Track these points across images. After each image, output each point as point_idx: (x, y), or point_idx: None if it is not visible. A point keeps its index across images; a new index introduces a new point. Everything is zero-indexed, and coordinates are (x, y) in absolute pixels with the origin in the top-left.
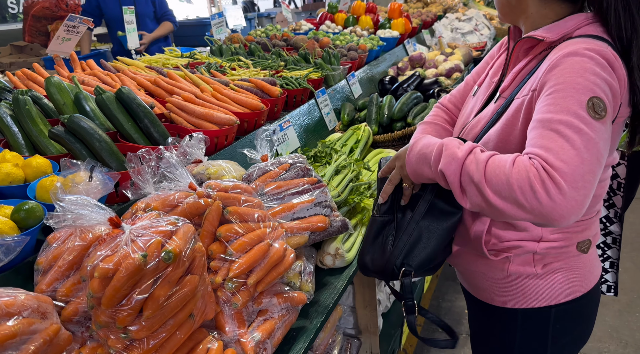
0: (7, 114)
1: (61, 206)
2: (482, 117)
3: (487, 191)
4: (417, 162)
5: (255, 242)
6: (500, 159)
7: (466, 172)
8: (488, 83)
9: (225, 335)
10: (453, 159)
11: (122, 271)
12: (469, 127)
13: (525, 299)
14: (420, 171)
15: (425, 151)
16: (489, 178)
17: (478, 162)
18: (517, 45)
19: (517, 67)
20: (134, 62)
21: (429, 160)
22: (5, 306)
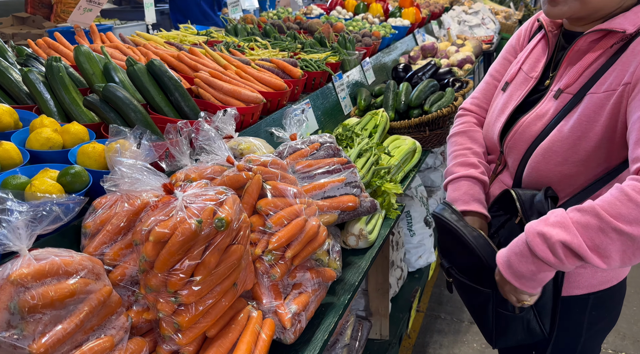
0: (39, 81)
1: (119, 169)
2: (541, 115)
3: (622, 226)
4: (520, 273)
5: (293, 217)
6: (606, 195)
7: (584, 227)
8: (524, 78)
9: (262, 305)
10: (561, 227)
11: (178, 236)
12: (523, 125)
13: (566, 287)
14: (523, 271)
15: (523, 252)
16: (615, 215)
17: (588, 210)
18: (581, 39)
19: (584, 61)
20: (153, 37)
21: (526, 255)
22: (65, 265)
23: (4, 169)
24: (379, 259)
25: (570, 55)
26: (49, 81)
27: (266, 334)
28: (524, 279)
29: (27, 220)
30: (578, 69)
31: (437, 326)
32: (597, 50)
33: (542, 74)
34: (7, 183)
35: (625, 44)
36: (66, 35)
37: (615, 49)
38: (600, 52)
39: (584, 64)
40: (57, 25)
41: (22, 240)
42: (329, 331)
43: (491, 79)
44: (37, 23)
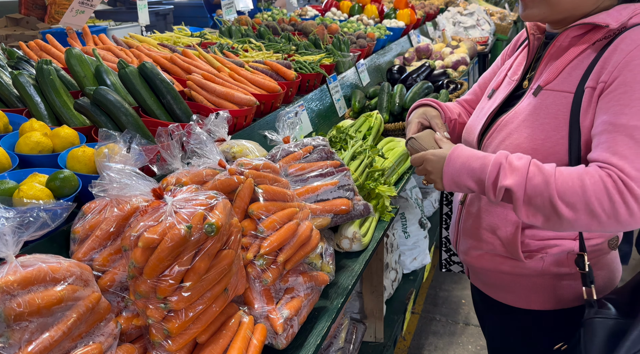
0: (29, 84)
1: (108, 174)
2: (519, 112)
3: (560, 204)
4: (460, 174)
5: (285, 221)
6: (568, 170)
7: (532, 187)
8: (507, 82)
9: (254, 310)
10: (515, 174)
11: (167, 241)
12: (501, 124)
13: (557, 300)
14: (463, 182)
15: (473, 164)
16: (561, 192)
17: (545, 175)
18: (562, 35)
19: (564, 57)
20: (146, 39)
21: (477, 174)
22: (52, 272)
23: None
24: (374, 262)
25: (552, 52)
26: (39, 84)
27: (257, 339)
28: (452, 183)
29: (14, 226)
30: (559, 65)
31: (432, 328)
32: (580, 45)
33: (522, 76)
34: None
35: (609, 42)
36: (60, 37)
37: (599, 46)
38: (584, 48)
39: (566, 60)
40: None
41: (9, 247)
42: (322, 336)
43: (478, 87)
44: (31, 24)
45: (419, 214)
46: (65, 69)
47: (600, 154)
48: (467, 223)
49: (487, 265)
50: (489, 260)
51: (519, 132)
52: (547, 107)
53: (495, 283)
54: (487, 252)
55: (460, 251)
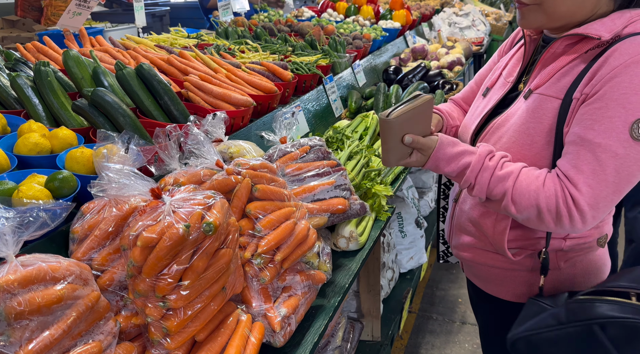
0: (27, 85)
1: (106, 175)
2: (510, 115)
3: (512, 208)
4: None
5: (282, 221)
6: (527, 176)
7: (492, 196)
8: (502, 83)
9: (252, 309)
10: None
11: (166, 240)
12: (494, 127)
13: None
14: (441, 169)
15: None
16: (515, 198)
17: (505, 179)
18: (556, 42)
19: (556, 64)
20: (143, 41)
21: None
22: (52, 271)
23: None
24: (370, 261)
25: (545, 58)
26: (37, 86)
27: (255, 337)
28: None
29: (14, 226)
30: (550, 71)
31: (429, 326)
32: (571, 54)
33: (517, 78)
34: None
35: (602, 52)
36: (57, 39)
37: (591, 55)
38: (574, 57)
39: (557, 67)
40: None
41: (9, 246)
42: (319, 334)
43: (474, 83)
44: (27, 26)
45: (416, 213)
46: (63, 71)
47: (563, 163)
48: (460, 220)
49: (479, 259)
50: (480, 255)
51: (508, 136)
52: (534, 111)
53: (486, 277)
54: (478, 248)
55: (454, 246)
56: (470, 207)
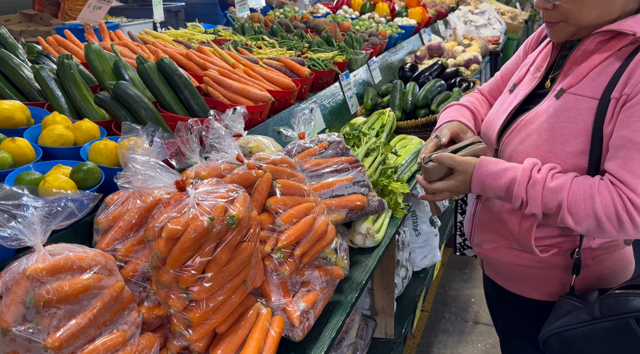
0: (51, 78)
1: (133, 166)
2: (540, 113)
3: (569, 219)
4: (486, 192)
5: (302, 216)
6: (580, 185)
7: (547, 209)
8: (530, 79)
9: (271, 303)
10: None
11: (190, 232)
12: (522, 123)
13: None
14: (489, 195)
15: (498, 193)
16: (572, 209)
17: (558, 190)
18: (588, 39)
19: (590, 62)
20: (161, 35)
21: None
22: (79, 260)
23: (17, 165)
24: (385, 258)
25: (576, 55)
26: (60, 78)
27: (275, 331)
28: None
29: (42, 215)
30: (583, 70)
31: (441, 325)
32: (605, 51)
33: (545, 74)
34: (21, 179)
35: (636, 49)
36: (74, 33)
37: (625, 52)
38: (608, 54)
39: (590, 65)
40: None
41: (37, 235)
42: (337, 329)
43: (499, 76)
44: (44, 20)
45: (430, 212)
46: (84, 64)
47: (615, 168)
48: (483, 217)
49: (503, 257)
50: (504, 253)
51: (538, 134)
52: (569, 110)
53: (510, 275)
54: (502, 245)
55: (475, 244)
56: (493, 204)
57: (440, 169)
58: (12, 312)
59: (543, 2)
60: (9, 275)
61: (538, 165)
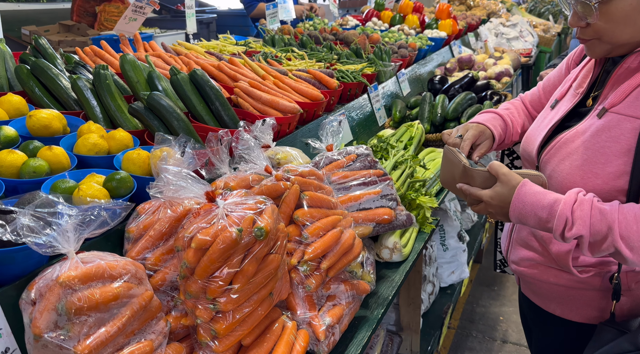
0: (87, 88)
1: (165, 176)
2: (580, 132)
3: (623, 248)
4: (527, 221)
5: (329, 228)
6: (632, 212)
7: (595, 232)
8: (572, 95)
9: (296, 316)
10: (580, 224)
11: (219, 243)
12: (561, 142)
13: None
14: (527, 218)
15: (539, 213)
16: (625, 236)
17: (608, 221)
18: (630, 57)
19: (632, 81)
20: (193, 47)
21: (544, 225)
22: (110, 269)
23: (53, 172)
24: (412, 273)
25: (618, 73)
26: (96, 88)
27: (300, 345)
28: (515, 219)
29: (76, 224)
30: (626, 89)
31: (468, 343)
32: None
33: (587, 90)
34: (56, 187)
35: None
36: (110, 43)
37: None
38: None
39: (633, 84)
40: (100, 33)
41: (71, 243)
42: (362, 346)
43: (542, 89)
44: (81, 31)
45: (458, 226)
46: (119, 74)
47: None
48: (521, 234)
49: (540, 276)
50: (541, 271)
51: (578, 154)
52: (611, 130)
53: (548, 295)
54: (540, 263)
55: (512, 261)
56: None
57: (483, 176)
58: (44, 318)
59: (576, 20)
60: (42, 282)
61: (583, 191)
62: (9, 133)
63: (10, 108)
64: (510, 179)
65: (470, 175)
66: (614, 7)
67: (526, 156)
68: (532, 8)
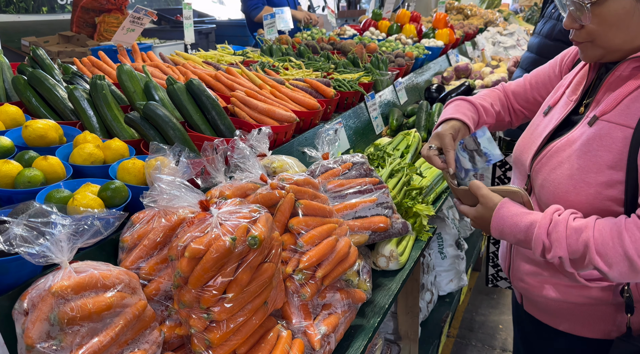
0: (83, 98)
1: (159, 186)
2: (571, 141)
3: (601, 264)
4: (505, 234)
5: (324, 237)
6: (607, 228)
7: (573, 252)
8: (565, 102)
9: (291, 325)
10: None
11: (213, 252)
12: (552, 150)
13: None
14: (508, 239)
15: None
16: (602, 253)
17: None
18: (623, 65)
19: (623, 89)
20: (191, 57)
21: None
22: (103, 278)
23: (49, 182)
24: (409, 282)
25: (610, 81)
26: (92, 98)
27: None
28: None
29: (69, 233)
30: (617, 97)
31: (467, 352)
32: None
33: (580, 98)
34: (51, 197)
35: None
36: (108, 53)
37: None
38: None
39: (625, 92)
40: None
41: (64, 253)
42: None
43: (529, 84)
44: (81, 41)
45: (456, 234)
46: (116, 84)
47: None
48: (522, 248)
49: (548, 293)
50: (550, 288)
51: (570, 163)
52: (602, 138)
53: (556, 312)
54: (549, 278)
55: (515, 278)
56: None
57: (467, 195)
58: (37, 329)
59: (570, 22)
60: (35, 292)
61: (560, 210)
62: (5, 143)
63: (6, 118)
64: (488, 201)
65: (458, 193)
66: (607, 10)
67: (519, 165)
68: (529, 17)
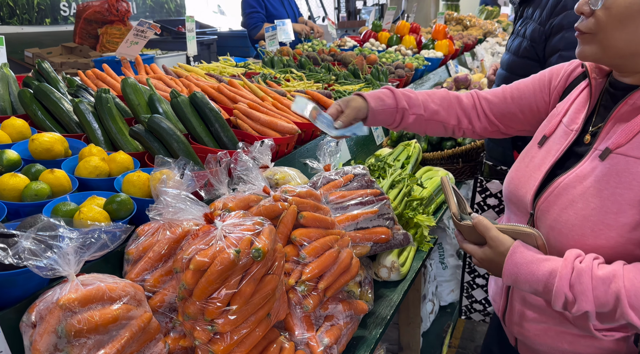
0: (88, 111)
1: (164, 199)
2: (582, 176)
3: (634, 317)
4: (520, 283)
5: (326, 248)
6: (637, 277)
7: (601, 305)
8: (564, 131)
9: (294, 336)
10: (582, 300)
11: (217, 265)
12: (561, 186)
13: None
14: (522, 288)
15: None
16: (634, 305)
17: (614, 291)
18: (636, 93)
19: (639, 119)
20: (194, 69)
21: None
22: (109, 291)
23: (55, 195)
24: (411, 292)
25: (622, 111)
26: (97, 111)
27: None
28: (510, 282)
29: (77, 246)
30: (632, 128)
31: None
32: None
33: (582, 126)
34: (57, 210)
35: None
36: (111, 64)
37: None
38: None
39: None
40: (102, 54)
41: (71, 266)
42: None
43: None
44: (84, 52)
45: (457, 244)
46: (120, 97)
47: None
48: (522, 291)
49: (553, 343)
50: (555, 337)
51: (584, 202)
52: (619, 174)
53: None
54: (553, 327)
55: (513, 323)
56: None
57: (471, 231)
58: (44, 341)
59: (582, 3)
60: (43, 304)
61: (581, 256)
62: (12, 157)
63: (13, 132)
64: (498, 245)
65: (461, 228)
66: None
67: (516, 201)
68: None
